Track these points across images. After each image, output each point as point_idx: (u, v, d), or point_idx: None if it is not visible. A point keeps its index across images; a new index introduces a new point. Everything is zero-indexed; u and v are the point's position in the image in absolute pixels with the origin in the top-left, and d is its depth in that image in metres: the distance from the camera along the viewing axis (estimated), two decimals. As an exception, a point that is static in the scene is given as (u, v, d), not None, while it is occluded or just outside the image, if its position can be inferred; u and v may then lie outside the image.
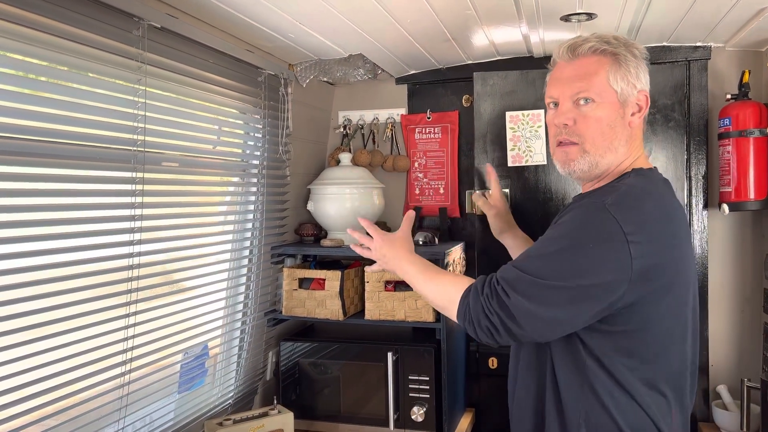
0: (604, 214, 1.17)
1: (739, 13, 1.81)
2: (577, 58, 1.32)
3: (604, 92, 1.28)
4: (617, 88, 1.29)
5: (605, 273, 1.15)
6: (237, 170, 2.03)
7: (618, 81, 1.29)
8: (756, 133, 2.00)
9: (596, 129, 1.29)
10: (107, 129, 1.40)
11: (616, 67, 1.29)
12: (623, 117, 1.30)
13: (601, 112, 1.28)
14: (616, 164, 1.32)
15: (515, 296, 1.18)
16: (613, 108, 1.29)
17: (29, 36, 1.18)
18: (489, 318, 1.21)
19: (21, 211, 1.23)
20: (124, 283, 1.49)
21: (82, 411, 1.41)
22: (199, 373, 1.93)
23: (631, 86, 1.30)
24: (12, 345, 1.22)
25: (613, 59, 1.30)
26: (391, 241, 1.51)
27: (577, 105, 1.30)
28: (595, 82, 1.29)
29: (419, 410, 2.06)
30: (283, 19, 1.71)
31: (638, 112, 1.32)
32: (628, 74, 1.29)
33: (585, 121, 1.29)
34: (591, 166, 1.31)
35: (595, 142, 1.29)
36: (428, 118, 2.52)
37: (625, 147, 1.31)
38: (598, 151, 1.29)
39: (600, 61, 1.30)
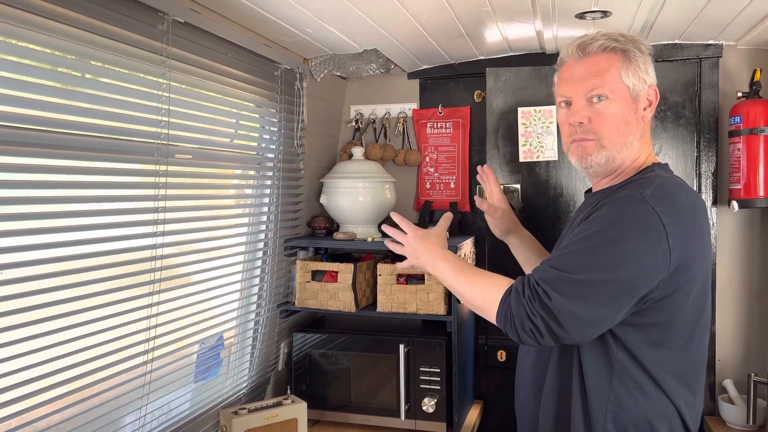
0: (643, 206, 1.18)
1: (752, 12, 1.83)
2: (588, 56, 1.33)
3: (617, 88, 1.30)
4: (629, 84, 1.31)
5: (645, 264, 1.16)
6: (253, 163, 2.05)
7: (630, 76, 1.31)
8: (766, 131, 2.02)
9: (612, 125, 1.31)
10: (133, 122, 1.42)
11: (626, 63, 1.31)
12: (636, 112, 1.32)
13: (616, 108, 1.30)
14: (632, 159, 1.35)
15: (556, 297, 1.16)
16: (626, 103, 1.31)
17: (59, 30, 1.20)
18: (532, 320, 1.18)
19: (50, 203, 1.26)
20: (148, 274, 1.51)
21: (107, 398, 1.44)
22: (214, 363, 1.96)
23: (642, 81, 1.32)
24: (42, 333, 1.25)
25: (623, 56, 1.32)
26: (424, 237, 1.48)
27: (590, 103, 1.32)
28: (608, 78, 1.30)
29: (430, 401, 2.09)
30: (302, 14, 1.73)
31: (649, 107, 1.35)
32: (638, 69, 1.31)
33: (600, 118, 1.31)
34: (608, 161, 1.33)
35: (611, 138, 1.31)
36: (440, 113, 2.54)
37: (639, 142, 1.34)
38: (615, 146, 1.32)
39: (611, 57, 1.32)
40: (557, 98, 1.40)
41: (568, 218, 2.31)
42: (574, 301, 1.16)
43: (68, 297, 1.31)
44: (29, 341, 1.22)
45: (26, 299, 1.21)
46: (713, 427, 2.11)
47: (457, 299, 2.09)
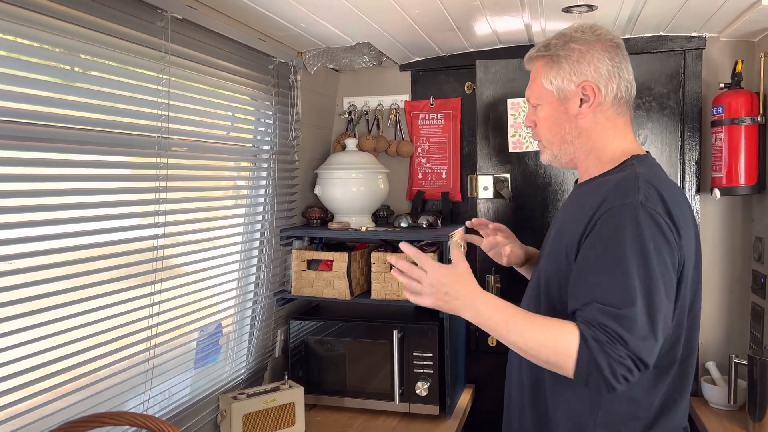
0: (644, 212, 1.19)
1: (734, 4, 1.89)
2: (528, 64, 1.45)
3: (542, 94, 1.39)
4: (552, 88, 1.36)
5: (671, 264, 1.20)
6: (249, 155, 2.10)
7: (552, 80, 1.36)
8: (747, 121, 2.08)
9: (544, 128, 1.41)
10: (134, 117, 1.47)
11: (548, 69, 1.37)
12: (567, 112, 1.36)
13: (545, 112, 1.39)
14: (585, 152, 1.38)
15: (629, 336, 1.13)
16: (553, 106, 1.38)
17: (62, 28, 1.24)
18: (624, 364, 1.13)
19: (54, 196, 1.30)
20: (149, 263, 1.56)
21: (112, 383, 1.50)
22: (213, 350, 2.02)
23: (568, 81, 1.34)
24: (49, 321, 1.30)
25: (546, 61, 1.37)
26: (456, 276, 1.25)
27: (533, 109, 1.44)
28: (534, 87, 1.41)
29: (423, 385, 2.15)
30: (296, 9, 1.77)
31: (588, 102, 1.34)
32: (560, 71, 1.35)
33: (539, 122, 1.42)
34: (554, 158, 1.43)
35: (548, 139, 1.41)
36: (431, 104, 2.59)
37: (581, 138, 1.37)
38: (554, 146, 1.41)
39: (538, 65, 1.40)
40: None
41: (556, 207, 2.37)
42: (646, 334, 1.14)
43: (73, 286, 1.36)
44: (36, 329, 1.27)
45: (33, 288, 1.26)
46: (696, 408, 2.19)
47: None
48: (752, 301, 2.24)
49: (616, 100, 1.35)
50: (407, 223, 2.39)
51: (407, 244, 1.27)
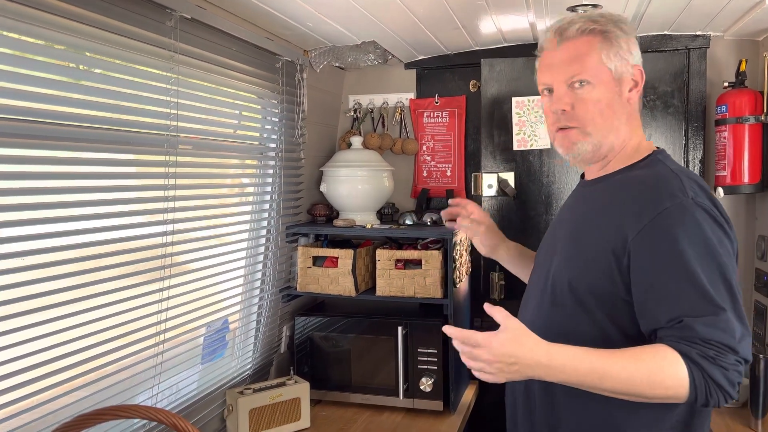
0: (698, 208, 1.14)
1: (738, 3, 1.90)
2: (567, 40, 1.28)
3: (598, 72, 1.25)
4: (611, 66, 1.26)
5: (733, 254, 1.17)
6: (255, 153, 2.12)
7: (611, 58, 1.25)
8: (751, 120, 2.09)
9: (595, 110, 1.26)
10: (144, 115, 1.49)
11: (607, 45, 1.26)
12: (620, 95, 1.27)
13: (598, 93, 1.25)
14: (621, 143, 1.30)
15: (734, 342, 1.09)
16: (609, 87, 1.26)
17: (75, 29, 1.26)
18: (737, 370, 1.10)
19: (65, 193, 1.32)
20: (159, 260, 1.59)
21: (123, 377, 1.52)
22: (220, 345, 2.04)
23: (625, 62, 1.26)
24: (59, 317, 1.32)
25: (603, 37, 1.26)
26: (513, 340, 1.10)
27: (572, 89, 1.27)
28: (588, 63, 1.25)
29: (427, 381, 2.17)
30: (303, 8, 1.78)
31: (635, 88, 1.29)
32: (620, 50, 1.26)
33: (583, 104, 1.26)
34: (594, 148, 1.28)
35: (595, 123, 1.26)
36: (436, 102, 2.61)
37: (627, 125, 1.29)
38: (600, 132, 1.26)
39: (590, 41, 1.26)
40: (539, 86, 1.35)
41: (560, 205, 2.39)
42: (743, 331, 1.11)
43: (84, 282, 1.38)
44: (47, 324, 1.29)
45: (44, 285, 1.28)
46: (699, 404, 2.21)
47: (453, 283, 2.18)
48: (755, 299, 2.25)
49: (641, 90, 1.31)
50: (412, 221, 2.41)
51: (449, 327, 1.15)
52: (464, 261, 2.37)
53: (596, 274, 1.21)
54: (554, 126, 1.32)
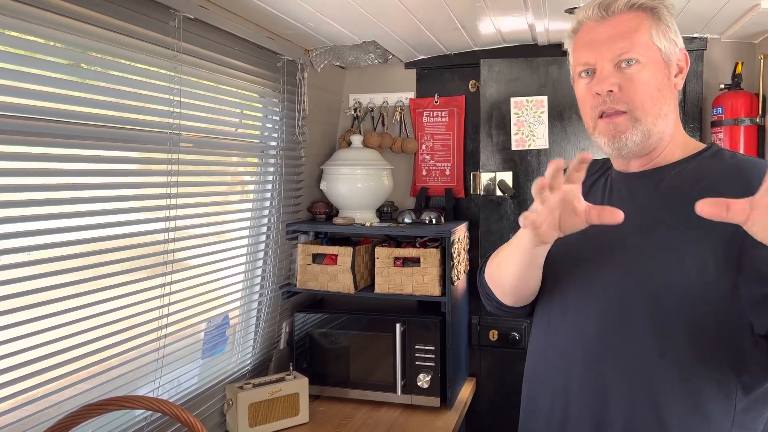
0: None
1: (734, 7, 1.92)
2: (612, 15, 1.14)
3: (649, 51, 1.12)
4: (661, 46, 1.13)
5: None
6: (256, 151, 2.15)
7: (661, 38, 1.13)
8: (747, 122, 2.12)
9: (645, 93, 1.11)
10: (147, 114, 1.52)
11: (656, 23, 1.14)
12: (669, 78, 1.15)
13: (648, 73, 1.12)
14: (670, 133, 1.17)
15: None
16: (659, 68, 1.13)
17: (80, 29, 1.29)
18: None
19: (70, 189, 1.35)
20: (161, 256, 1.61)
21: (125, 370, 1.55)
22: (220, 341, 2.07)
23: (673, 44, 1.15)
24: (63, 311, 1.35)
25: (652, 14, 1.14)
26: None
27: (619, 68, 1.12)
28: (638, 40, 1.12)
29: (425, 377, 2.20)
30: (304, 8, 1.81)
31: (680, 73, 1.17)
32: (668, 30, 1.14)
33: (632, 85, 1.11)
34: (644, 137, 1.13)
35: (645, 108, 1.12)
36: (436, 102, 2.63)
37: (675, 112, 1.17)
38: (650, 118, 1.12)
39: (638, 16, 1.13)
40: (576, 68, 1.20)
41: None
42: None
43: (87, 277, 1.41)
44: (51, 318, 1.32)
45: (49, 279, 1.31)
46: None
47: (451, 281, 2.20)
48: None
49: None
50: (411, 219, 2.43)
51: None
52: (462, 259, 2.39)
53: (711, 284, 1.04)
54: (596, 110, 1.15)
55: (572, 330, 1.18)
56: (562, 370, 1.19)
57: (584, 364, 1.15)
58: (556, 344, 1.21)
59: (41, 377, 1.31)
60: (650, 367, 1.08)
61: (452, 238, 2.21)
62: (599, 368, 1.13)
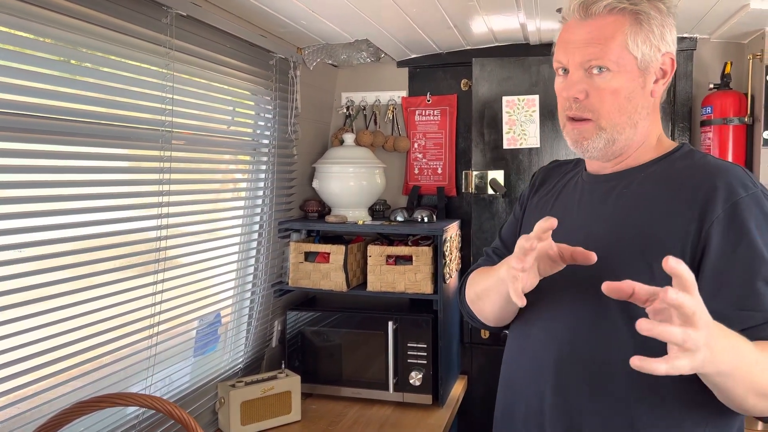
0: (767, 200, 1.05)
1: (723, 7, 1.94)
2: (591, 18, 1.11)
3: (621, 59, 1.09)
4: (637, 54, 1.09)
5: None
6: (249, 149, 2.14)
7: (639, 45, 1.09)
8: (735, 122, 2.14)
9: (613, 103, 1.10)
10: (139, 111, 1.51)
11: (636, 29, 1.09)
12: (644, 86, 1.11)
13: (618, 83, 1.09)
14: (640, 139, 1.15)
15: None
16: (631, 77, 1.10)
17: (72, 25, 1.28)
18: None
19: (63, 187, 1.35)
20: (153, 253, 1.61)
21: (117, 368, 1.55)
22: (212, 339, 2.07)
23: (655, 49, 1.10)
24: (55, 308, 1.35)
25: (633, 19, 1.09)
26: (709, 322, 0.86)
27: (589, 74, 1.11)
28: (611, 47, 1.09)
29: (417, 375, 2.21)
30: (297, 6, 1.81)
31: (662, 78, 1.13)
32: (651, 35, 1.09)
33: (599, 93, 1.10)
34: (607, 144, 1.13)
35: (611, 117, 1.11)
36: (428, 100, 2.64)
37: (647, 120, 1.14)
38: (616, 128, 1.11)
39: (618, 21, 1.09)
40: (554, 63, 1.18)
41: (549, 202, 2.42)
42: None
43: (79, 275, 1.40)
44: (42, 315, 1.31)
45: (40, 276, 1.30)
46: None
47: (444, 279, 2.21)
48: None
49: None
50: (403, 217, 2.44)
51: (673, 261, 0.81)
52: (454, 257, 2.40)
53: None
54: (565, 113, 1.17)
55: (545, 338, 1.17)
56: (536, 380, 1.17)
57: (556, 374, 1.14)
58: (530, 352, 1.21)
59: (32, 375, 1.30)
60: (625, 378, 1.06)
61: (444, 237, 2.22)
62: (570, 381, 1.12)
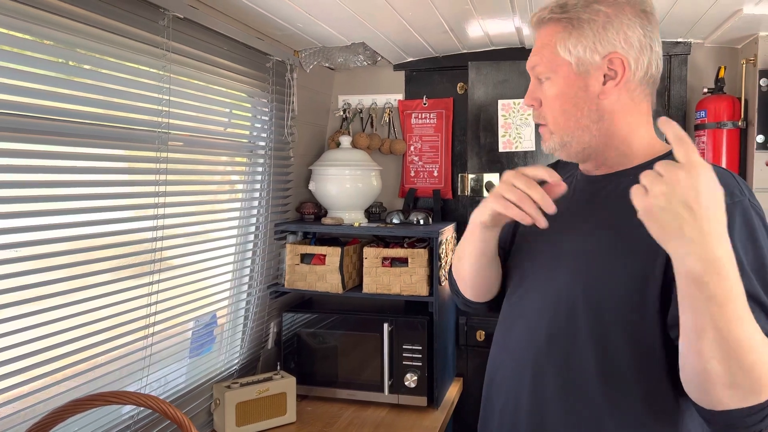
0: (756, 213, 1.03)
1: (717, 12, 1.95)
2: (537, 30, 1.17)
3: (554, 65, 1.12)
4: (571, 59, 1.10)
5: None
6: (245, 151, 2.15)
7: (570, 50, 1.10)
8: (729, 126, 2.16)
9: (556, 108, 1.13)
10: (136, 112, 1.52)
11: (566, 35, 1.11)
12: (587, 89, 1.11)
13: (557, 89, 1.13)
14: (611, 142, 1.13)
15: None
16: (570, 82, 1.12)
17: (70, 27, 1.29)
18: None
19: (57, 187, 1.35)
20: (149, 254, 1.62)
21: (112, 368, 1.55)
22: (208, 340, 2.07)
23: (592, 52, 1.09)
24: (50, 308, 1.35)
25: (564, 25, 1.11)
26: (706, 180, 0.86)
27: (540, 83, 1.16)
28: (544, 54, 1.13)
29: (412, 377, 2.21)
30: (294, 9, 1.82)
31: (615, 79, 1.10)
32: (582, 38, 1.09)
33: (546, 101, 1.15)
34: (562, 147, 1.16)
35: (558, 122, 1.14)
36: (424, 104, 2.65)
37: (604, 122, 1.12)
38: (564, 131, 1.14)
39: (551, 29, 1.13)
40: None
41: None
42: None
43: (75, 275, 1.41)
44: (38, 315, 1.32)
45: (36, 276, 1.31)
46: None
47: (439, 281, 2.22)
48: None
49: (645, 79, 1.12)
50: (399, 220, 2.45)
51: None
52: (450, 260, 2.41)
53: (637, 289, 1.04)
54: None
55: (525, 334, 1.18)
56: (515, 375, 1.20)
57: (533, 371, 1.16)
58: (511, 347, 1.23)
59: (27, 375, 1.30)
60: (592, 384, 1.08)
61: (440, 239, 2.23)
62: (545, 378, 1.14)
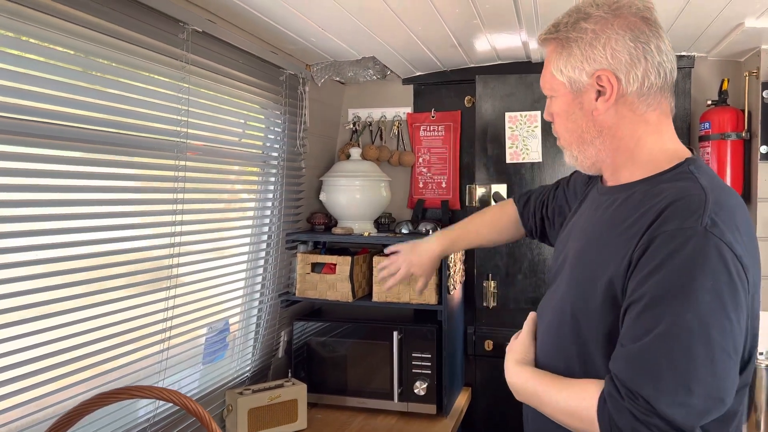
0: (711, 242, 0.94)
1: (719, 26, 2.00)
2: (544, 48, 1.21)
3: (553, 85, 1.16)
4: (563, 79, 1.13)
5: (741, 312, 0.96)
6: (259, 162, 2.20)
7: (562, 70, 1.13)
8: (733, 137, 2.19)
9: (561, 125, 1.19)
10: (157, 122, 1.58)
11: (557, 55, 1.14)
12: (582, 107, 1.13)
13: (558, 106, 1.18)
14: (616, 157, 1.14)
15: (655, 394, 0.93)
16: (567, 100, 1.15)
17: (94, 38, 1.35)
18: (646, 424, 0.93)
19: (79, 192, 1.40)
20: (167, 262, 1.66)
21: (130, 371, 1.59)
22: (221, 346, 2.11)
23: (579, 70, 1.11)
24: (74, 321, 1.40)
25: (555, 46, 1.14)
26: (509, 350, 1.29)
27: (550, 99, 1.22)
28: (545, 76, 1.19)
29: (421, 385, 2.24)
30: (307, 24, 1.88)
31: (605, 95, 1.10)
32: (570, 58, 1.11)
33: (553, 118, 1.21)
34: (574, 160, 1.20)
35: (564, 138, 1.20)
36: (432, 116, 2.70)
37: (605, 137, 1.13)
38: (572, 146, 1.18)
39: (549, 51, 1.17)
40: None
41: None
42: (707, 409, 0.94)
43: (98, 290, 1.46)
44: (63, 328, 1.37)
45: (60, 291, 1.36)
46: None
47: (448, 290, 2.25)
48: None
49: (644, 90, 1.09)
50: (408, 230, 2.49)
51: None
52: (458, 269, 2.45)
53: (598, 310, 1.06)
54: None
55: (541, 335, 1.26)
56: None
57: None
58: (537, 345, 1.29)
59: (49, 374, 1.34)
60: None
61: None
62: None
